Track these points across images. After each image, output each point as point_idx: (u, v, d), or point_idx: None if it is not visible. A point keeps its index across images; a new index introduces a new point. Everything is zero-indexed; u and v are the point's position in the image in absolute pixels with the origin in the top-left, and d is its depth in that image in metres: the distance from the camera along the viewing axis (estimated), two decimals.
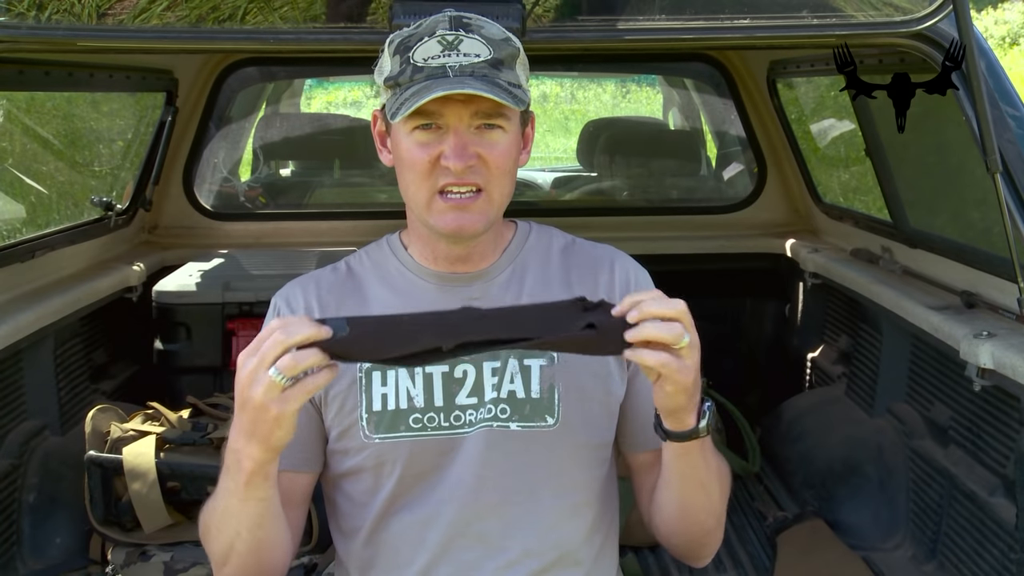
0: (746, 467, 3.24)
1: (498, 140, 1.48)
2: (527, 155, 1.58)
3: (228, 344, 3.00)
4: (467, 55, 1.44)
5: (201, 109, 3.57)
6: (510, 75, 1.47)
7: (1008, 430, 2.16)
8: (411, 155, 1.47)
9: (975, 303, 2.38)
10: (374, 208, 4.09)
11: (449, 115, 1.44)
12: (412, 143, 1.47)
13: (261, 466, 1.34)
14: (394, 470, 1.53)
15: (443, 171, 1.46)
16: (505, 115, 1.47)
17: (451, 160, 1.44)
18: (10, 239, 2.83)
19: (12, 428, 2.51)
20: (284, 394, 1.25)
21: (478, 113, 1.45)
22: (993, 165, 2.02)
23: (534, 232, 1.66)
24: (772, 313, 3.76)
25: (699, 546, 1.62)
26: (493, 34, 1.47)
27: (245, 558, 1.45)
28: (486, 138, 1.47)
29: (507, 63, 1.47)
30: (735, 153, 4.15)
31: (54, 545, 2.51)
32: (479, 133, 1.47)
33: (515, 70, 1.49)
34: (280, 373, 1.24)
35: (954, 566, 2.33)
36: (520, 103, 1.45)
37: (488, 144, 1.47)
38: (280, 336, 1.24)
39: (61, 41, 2.08)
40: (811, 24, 2.04)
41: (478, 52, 1.44)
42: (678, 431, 1.41)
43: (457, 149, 1.44)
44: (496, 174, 1.48)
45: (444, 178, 1.46)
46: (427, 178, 1.47)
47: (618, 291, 1.60)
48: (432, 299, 1.57)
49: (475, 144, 1.46)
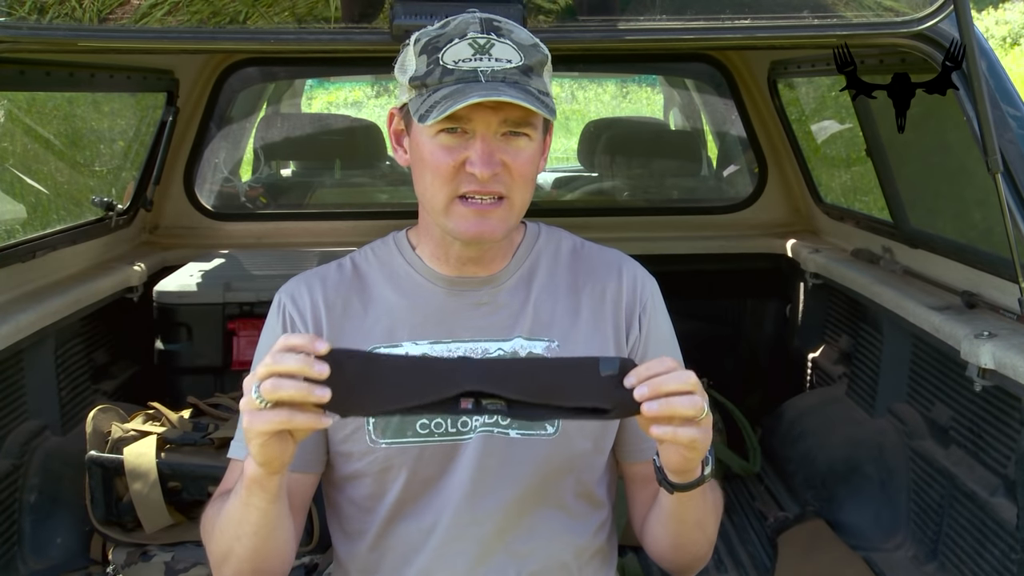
0: (747, 467, 3.24)
1: (524, 148, 1.46)
2: (544, 162, 1.57)
3: (229, 344, 3.00)
4: (499, 60, 1.41)
5: (202, 109, 3.57)
6: (539, 82, 1.44)
7: (1009, 430, 2.16)
8: (435, 158, 1.45)
9: (976, 303, 2.38)
10: (375, 208, 4.09)
11: (478, 121, 1.42)
12: (436, 146, 1.44)
13: (256, 478, 1.34)
14: (400, 475, 1.52)
15: (467, 177, 1.44)
16: (532, 124, 1.45)
17: (477, 167, 1.42)
18: (11, 239, 2.83)
19: (13, 428, 2.51)
20: (256, 412, 1.25)
21: (507, 121, 1.43)
22: (994, 165, 2.02)
23: (543, 234, 1.65)
24: (773, 313, 3.76)
25: (687, 568, 1.63)
26: (523, 39, 1.45)
27: (243, 563, 1.45)
28: (512, 145, 1.45)
29: (536, 70, 1.45)
30: (736, 153, 4.15)
31: (55, 545, 2.51)
32: (505, 140, 1.44)
33: (543, 77, 1.47)
34: (258, 394, 1.24)
35: (955, 566, 2.33)
36: (551, 112, 1.43)
37: (514, 152, 1.45)
38: (270, 360, 1.24)
39: (62, 41, 2.08)
40: (812, 24, 2.04)
41: (509, 58, 1.42)
42: (685, 483, 1.40)
43: (484, 156, 1.42)
44: (519, 182, 1.46)
45: (467, 184, 1.44)
46: (449, 182, 1.45)
47: (625, 298, 1.60)
48: (439, 302, 1.56)
49: (501, 151, 1.44)
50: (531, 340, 1.54)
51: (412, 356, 1.48)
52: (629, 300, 1.59)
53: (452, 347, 1.53)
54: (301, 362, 1.22)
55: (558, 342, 1.55)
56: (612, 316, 1.58)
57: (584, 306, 1.58)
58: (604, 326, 1.58)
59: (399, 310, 1.56)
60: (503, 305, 1.56)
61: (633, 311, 1.59)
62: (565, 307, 1.58)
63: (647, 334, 1.59)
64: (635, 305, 1.59)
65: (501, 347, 1.53)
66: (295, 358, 1.23)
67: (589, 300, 1.59)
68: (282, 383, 1.23)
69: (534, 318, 1.56)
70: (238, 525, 1.41)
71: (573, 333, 1.56)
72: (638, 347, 1.58)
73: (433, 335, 1.54)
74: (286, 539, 1.47)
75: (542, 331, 1.55)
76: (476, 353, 1.53)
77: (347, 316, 1.57)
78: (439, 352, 1.53)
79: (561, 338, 1.55)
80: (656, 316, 1.61)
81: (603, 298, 1.59)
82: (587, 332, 1.56)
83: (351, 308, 1.57)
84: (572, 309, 1.58)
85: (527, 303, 1.57)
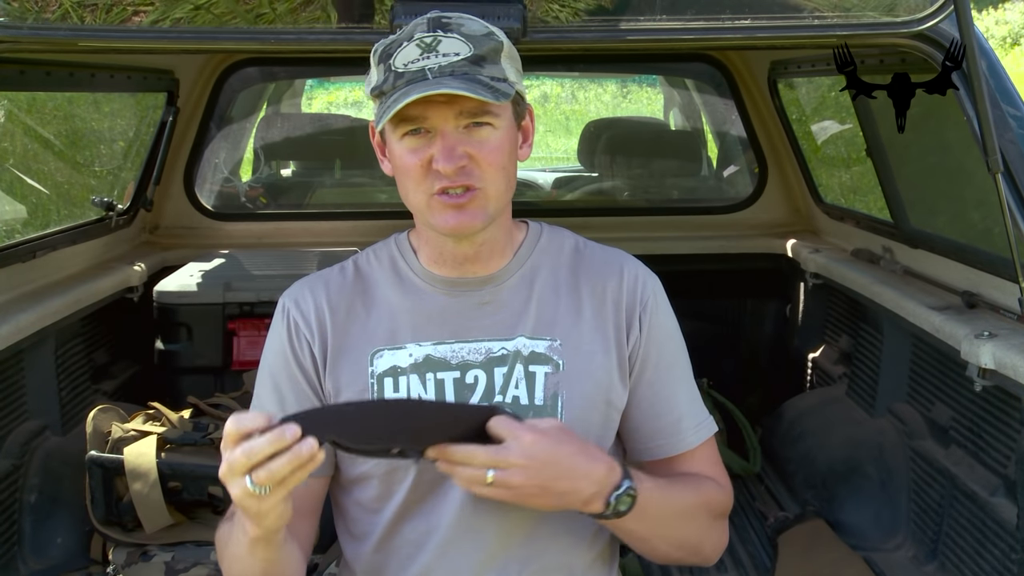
0: (747, 467, 3.25)
1: (487, 137, 1.46)
2: (528, 148, 1.57)
3: (229, 344, 3.00)
4: (446, 55, 1.42)
5: (202, 109, 3.57)
6: (494, 70, 1.45)
7: (1009, 430, 2.16)
8: (404, 161, 1.47)
9: (976, 303, 2.38)
10: (375, 208, 4.09)
11: (434, 118, 1.43)
12: (403, 149, 1.46)
13: (258, 539, 1.36)
14: (407, 477, 1.52)
15: (436, 174, 1.45)
16: (492, 112, 1.45)
17: (440, 163, 1.43)
18: (11, 239, 2.83)
19: (13, 428, 2.51)
20: (261, 500, 1.27)
21: (463, 113, 1.43)
22: (994, 165, 2.02)
23: (545, 234, 1.65)
24: (773, 313, 3.76)
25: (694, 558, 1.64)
26: (474, 30, 1.46)
27: None
28: (475, 137, 1.45)
29: (490, 58, 1.45)
30: (736, 153, 4.15)
31: (55, 545, 2.52)
32: (468, 132, 1.45)
33: (500, 64, 1.46)
34: (256, 485, 1.26)
35: (955, 566, 2.33)
36: (502, 96, 1.43)
37: (478, 143, 1.45)
38: (242, 457, 1.24)
39: (62, 41, 2.08)
40: (812, 24, 2.04)
41: (457, 50, 1.43)
42: (594, 515, 1.46)
43: (445, 151, 1.43)
44: (489, 171, 1.47)
45: (438, 181, 1.45)
46: (421, 182, 1.46)
47: (625, 298, 1.59)
48: (442, 303, 1.56)
49: (464, 144, 1.44)
50: (533, 339, 1.54)
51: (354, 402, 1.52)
52: (629, 300, 1.59)
53: (455, 347, 1.53)
54: (274, 439, 1.24)
55: (560, 341, 1.54)
56: (613, 316, 1.58)
57: (586, 305, 1.58)
58: (606, 326, 1.57)
59: (401, 312, 1.56)
60: (505, 304, 1.56)
61: (633, 311, 1.59)
62: (567, 306, 1.57)
63: (648, 334, 1.59)
64: (635, 305, 1.59)
65: (504, 346, 1.53)
66: (264, 439, 1.25)
67: (591, 299, 1.58)
68: (272, 466, 1.24)
69: (537, 317, 1.56)
70: (250, 566, 1.44)
71: (576, 332, 1.56)
72: (639, 347, 1.58)
73: (436, 336, 1.54)
74: (296, 561, 1.50)
75: (545, 330, 1.55)
76: (479, 352, 1.53)
77: (350, 319, 1.57)
78: (442, 353, 1.53)
79: (564, 337, 1.55)
80: (658, 316, 1.61)
81: (604, 297, 1.59)
82: (590, 331, 1.56)
83: (354, 311, 1.57)
84: (574, 308, 1.57)
85: (529, 302, 1.57)
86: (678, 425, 1.60)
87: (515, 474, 1.37)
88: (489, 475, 1.36)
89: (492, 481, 1.37)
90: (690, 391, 1.63)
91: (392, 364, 1.53)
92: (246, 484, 1.25)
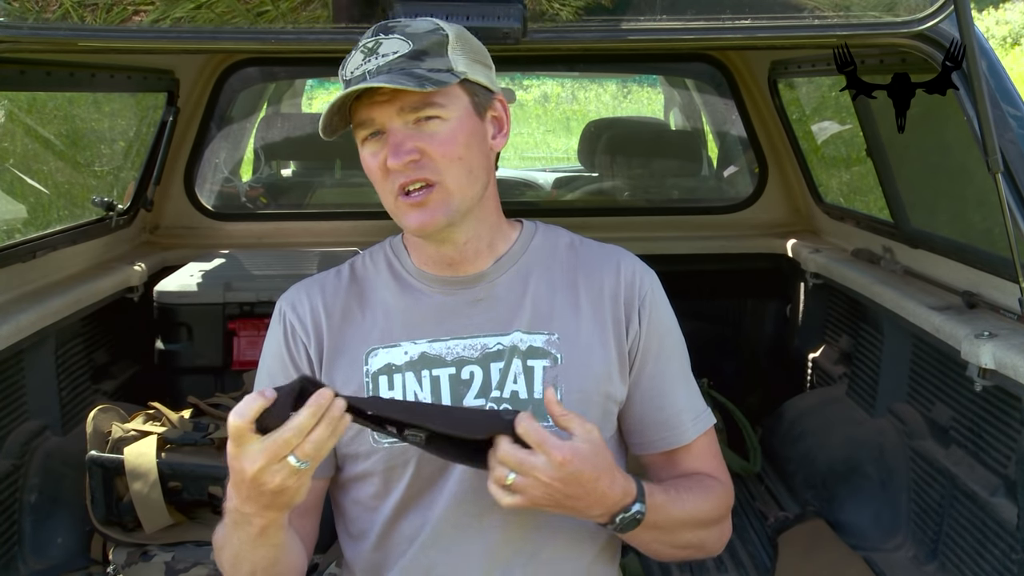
0: (747, 467, 3.25)
1: (436, 130, 1.46)
2: (504, 138, 1.56)
3: (229, 344, 3.00)
4: (384, 55, 1.44)
5: (202, 109, 3.57)
6: (436, 62, 1.45)
7: (1009, 430, 2.16)
8: (366, 165, 1.50)
9: (976, 303, 2.38)
10: (375, 208, 4.03)
11: (379, 117, 1.46)
12: (366, 154, 1.49)
13: (274, 521, 1.37)
14: (404, 474, 1.53)
15: (394, 173, 1.47)
16: (438, 103, 1.46)
17: (390, 159, 1.45)
18: (11, 239, 2.83)
19: (13, 428, 2.51)
20: (302, 474, 1.29)
21: (404, 108, 1.45)
22: (994, 165, 2.02)
23: (540, 232, 1.65)
24: (773, 313, 3.76)
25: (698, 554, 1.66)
26: (418, 28, 1.47)
27: None
28: (425, 131, 1.46)
29: (432, 52, 1.46)
30: (736, 153, 4.15)
31: (55, 545, 2.52)
32: (419, 127, 1.46)
33: (445, 56, 1.47)
34: (301, 461, 1.28)
35: (955, 566, 2.33)
36: (429, 84, 1.42)
37: (428, 136, 1.46)
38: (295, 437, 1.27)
39: (62, 41, 2.08)
40: (812, 24, 2.04)
41: (396, 49, 1.44)
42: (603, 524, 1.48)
43: (393, 148, 1.45)
44: (444, 164, 1.46)
45: (396, 179, 1.47)
46: (383, 183, 1.49)
47: (623, 293, 1.59)
48: (436, 302, 1.57)
49: (414, 139, 1.45)
50: (530, 334, 1.54)
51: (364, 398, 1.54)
52: (628, 295, 1.59)
53: (451, 344, 1.54)
54: (316, 409, 1.27)
55: (559, 335, 1.54)
56: (611, 310, 1.58)
57: (583, 300, 1.58)
58: (604, 320, 1.57)
59: (396, 312, 1.57)
60: (500, 300, 1.57)
61: (632, 305, 1.59)
62: (564, 301, 1.58)
63: (648, 328, 1.59)
64: (634, 299, 1.59)
65: (500, 341, 1.54)
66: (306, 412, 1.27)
67: (588, 294, 1.59)
68: (314, 436, 1.27)
69: (533, 311, 1.56)
70: (253, 564, 1.44)
71: (573, 326, 1.56)
72: (639, 341, 1.58)
73: (431, 333, 1.55)
74: (300, 553, 1.52)
75: (542, 324, 1.55)
76: (475, 348, 1.53)
77: (346, 322, 1.58)
78: (438, 350, 1.54)
79: (562, 331, 1.55)
80: (656, 310, 1.61)
81: (601, 293, 1.59)
82: (588, 326, 1.56)
83: (350, 313, 1.58)
84: (572, 303, 1.58)
85: (524, 297, 1.57)
86: (680, 417, 1.61)
87: (536, 488, 1.38)
88: (510, 477, 1.37)
89: (511, 483, 1.38)
90: (689, 384, 1.64)
91: (387, 362, 1.54)
92: (291, 463, 1.27)
